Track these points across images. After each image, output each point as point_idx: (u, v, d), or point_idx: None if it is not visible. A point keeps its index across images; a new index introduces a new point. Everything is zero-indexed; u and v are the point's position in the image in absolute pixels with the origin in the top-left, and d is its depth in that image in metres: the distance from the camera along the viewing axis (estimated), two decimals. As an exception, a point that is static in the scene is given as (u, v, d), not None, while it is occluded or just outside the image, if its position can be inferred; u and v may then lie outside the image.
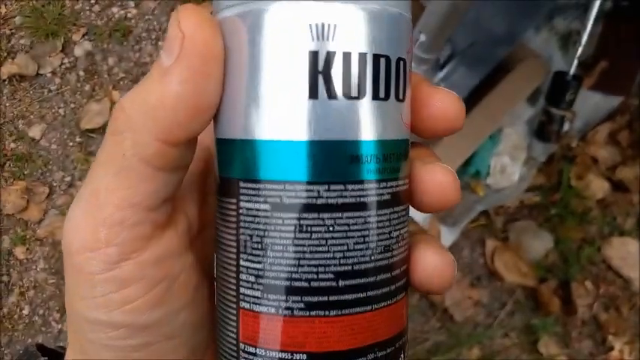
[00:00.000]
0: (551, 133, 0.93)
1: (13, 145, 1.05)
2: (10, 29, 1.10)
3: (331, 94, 0.18)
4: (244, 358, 0.20)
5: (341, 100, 0.18)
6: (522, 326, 1.00)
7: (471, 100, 0.89)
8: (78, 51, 1.09)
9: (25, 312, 0.97)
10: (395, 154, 0.20)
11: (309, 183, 0.18)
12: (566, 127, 0.94)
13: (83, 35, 1.10)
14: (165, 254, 0.20)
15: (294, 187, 0.18)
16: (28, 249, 1.01)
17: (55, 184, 1.04)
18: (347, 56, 0.18)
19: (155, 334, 0.20)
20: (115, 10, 1.11)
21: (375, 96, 0.19)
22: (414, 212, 0.24)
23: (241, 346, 0.20)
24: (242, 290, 0.19)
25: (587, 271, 1.03)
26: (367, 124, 0.19)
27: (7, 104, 1.07)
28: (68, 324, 0.21)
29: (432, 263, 0.21)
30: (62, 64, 1.09)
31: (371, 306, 0.19)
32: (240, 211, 0.19)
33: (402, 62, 0.20)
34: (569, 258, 1.03)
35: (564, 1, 0.97)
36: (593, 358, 0.99)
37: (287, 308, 0.19)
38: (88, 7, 1.11)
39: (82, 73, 1.08)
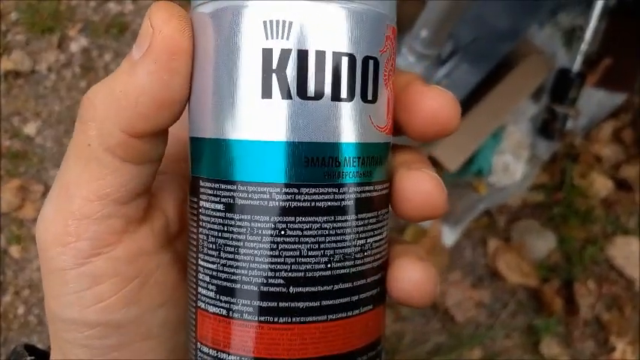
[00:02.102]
0: (555, 131, 0.93)
1: (8, 142, 1.04)
2: (6, 25, 1.09)
3: (285, 94, 0.18)
4: (200, 357, 0.20)
5: (296, 101, 0.18)
6: (524, 327, 0.99)
7: (474, 97, 0.89)
8: (74, 47, 1.08)
9: (20, 311, 0.96)
10: (361, 159, 0.19)
11: (260, 184, 0.18)
12: (569, 124, 0.94)
13: (79, 31, 1.08)
14: (138, 251, 0.20)
15: (246, 187, 0.18)
16: (23, 248, 1.00)
17: (50, 183, 1.03)
18: (302, 54, 0.17)
19: (132, 333, 0.20)
20: (111, 5, 1.10)
21: (335, 96, 0.18)
22: None
23: (198, 345, 0.20)
24: (200, 290, 0.20)
25: (589, 271, 1.02)
26: (324, 125, 0.18)
27: (3, 101, 1.06)
28: (48, 325, 0.21)
29: (411, 278, 0.20)
30: (58, 60, 1.07)
31: (325, 316, 0.19)
32: (200, 210, 0.19)
33: (371, 61, 0.19)
34: (571, 258, 1.02)
35: (568, -4, 0.96)
36: (596, 358, 0.98)
37: (237, 311, 0.19)
38: (84, 3, 1.10)
39: (78, 69, 1.07)
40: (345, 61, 0.18)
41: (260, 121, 0.18)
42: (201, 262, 0.19)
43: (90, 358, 0.20)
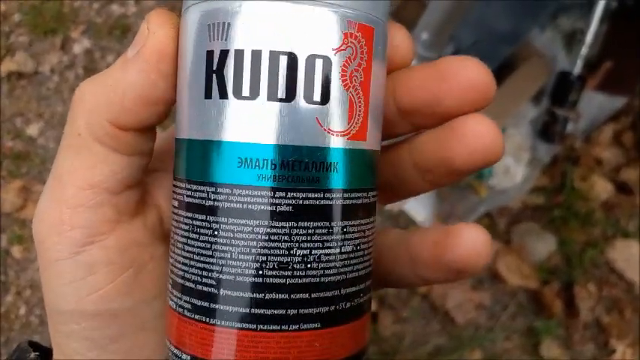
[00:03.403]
0: (555, 134, 0.93)
1: (10, 143, 1.05)
2: (9, 27, 1.09)
3: (223, 94, 0.18)
4: (166, 349, 0.20)
5: (232, 100, 0.18)
6: (524, 329, 0.99)
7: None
8: (77, 49, 1.08)
9: (22, 312, 0.97)
10: (302, 163, 0.18)
11: (200, 183, 0.18)
12: (570, 127, 0.94)
13: (82, 33, 1.09)
14: (131, 241, 0.21)
15: (191, 186, 0.19)
16: (25, 248, 1.00)
17: (53, 183, 1.03)
18: (239, 54, 0.18)
19: (128, 324, 0.21)
20: (114, 7, 1.11)
21: (272, 96, 0.18)
22: (415, 213, 0.23)
23: (166, 337, 0.20)
24: (167, 284, 0.20)
25: (590, 274, 1.02)
26: (258, 126, 0.18)
27: (6, 102, 1.06)
28: (48, 322, 0.22)
29: (469, 241, 0.20)
30: (61, 61, 1.08)
31: (255, 325, 0.18)
32: (172, 207, 0.20)
33: (319, 60, 0.18)
34: (572, 260, 1.02)
35: (570, 0, 0.96)
36: (596, 361, 0.98)
37: (180, 307, 0.19)
38: (87, 5, 1.10)
39: (80, 70, 1.08)
40: (283, 60, 0.17)
41: (201, 120, 0.18)
42: (169, 258, 0.20)
43: (88, 351, 0.20)
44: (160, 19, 0.19)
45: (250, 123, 0.18)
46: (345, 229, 0.19)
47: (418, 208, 0.97)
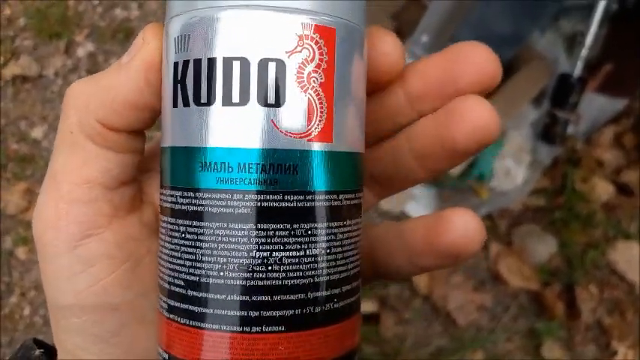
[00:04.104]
0: (556, 136, 0.93)
1: (15, 146, 1.05)
2: (14, 30, 1.10)
3: (185, 102, 0.19)
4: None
5: (193, 108, 0.18)
6: (526, 330, 0.99)
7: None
8: (81, 52, 1.09)
9: (26, 312, 0.97)
10: (259, 165, 0.18)
11: (171, 188, 0.19)
12: (570, 129, 0.94)
13: (86, 37, 1.10)
14: (127, 236, 0.21)
15: (165, 191, 0.19)
16: (29, 249, 1.01)
17: (57, 185, 1.04)
18: (197, 63, 0.18)
19: (127, 317, 0.21)
20: (117, 11, 1.11)
21: (227, 101, 0.18)
22: (416, 215, 0.23)
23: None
24: None
25: (591, 275, 1.02)
26: (216, 130, 0.18)
27: (10, 105, 1.07)
28: (51, 322, 0.22)
29: (460, 226, 0.21)
30: (65, 65, 1.09)
31: (219, 325, 0.18)
32: None
33: (272, 63, 0.18)
34: (573, 262, 1.02)
35: (570, 2, 0.96)
36: (598, 362, 0.98)
37: (160, 306, 0.20)
38: (91, 9, 1.11)
39: (84, 74, 1.08)
40: (236, 65, 0.18)
41: (170, 129, 0.19)
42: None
43: (90, 346, 0.21)
44: (154, 32, 0.20)
45: (209, 128, 0.18)
46: (310, 232, 0.18)
47: (419, 209, 0.97)
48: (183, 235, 0.19)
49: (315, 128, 0.18)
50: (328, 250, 0.19)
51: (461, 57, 0.21)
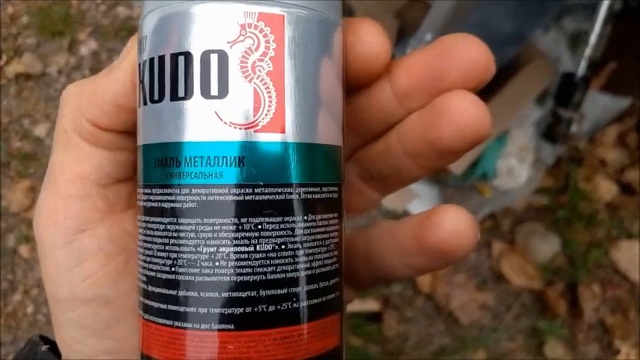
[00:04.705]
0: (559, 135, 0.93)
1: (18, 143, 1.06)
2: (17, 29, 1.10)
3: (144, 101, 0.19)
4: None
5: (148, 106, 0.19)
6: (528, 329, 1.00)
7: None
8: (84, 50, 1.09)
9: (30, 310, 0.97)
10: (204, 158, 0.18)
11: (140, 186, 0.19)
12: (574, 128, 0.94)
13: (89, 35, 1.10)
14: (121, 231, 0.22)
15: (137, 189, 0.20)
16: (32, 248, 1.01)
17: (60, 183, 1.04)
18: (151, 62, 0.19)
19: (121, 310, 0.21)
20: (120, 9, 1.11)
21: (174, 96, 0.18)
22: (417, 210, 0.23)
23: None
24: None
25: (594, 275, 1.02)
26: (166, 126, 0.18)
27: (14, 103, 1.07)
28: (52, 319, 0.22)
29: (451, 223, 0.20)
30: (68, 63, 1.09)
31: (171, 322, 0.18)
32: None
33: (213, 55, 0.18)
34: (576, 261, 1.02)
35: (573, 1, 0.96)
36: (600, 362, 0.98)
37: (137, 300, 0.20)
38: (94, 7, 1.11)
39: (87, 72, 1.09)
40: (181, 60, 0.18)
41: (138, 127, 0.20)
42: None
43: (85, 339, 0.21)
44: None
45: (160, 124, 0.18)
46: (260, 227, 0.18)
47: (422, 208, 0.97)
48: (144, 232, 0.19)
49: (264, 118, 0.18)
50: (283, 246, 0.18)
51: (448, 50, 0.20)
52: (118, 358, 0.22)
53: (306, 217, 0.18)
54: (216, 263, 0.17)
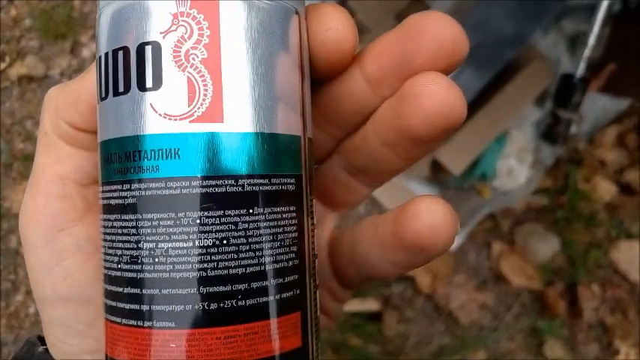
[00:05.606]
0: (559, 136, 0.93)
1: (21, 145, 1.06)
2: (20, 31, 1.11)
3: (98, 99, 0.19)
4: None
5: (100, 103, 0.19)
6: (528, 329, 1.00)
7: (478, 102, 0.89)
8: (86, 53, 1.10)
9: (32, 310, 0.98)
10: (141, 152, 0.17)
11: (100, 183, 0.19)
12: (573, 129, 0.94)
13: (91, 37, 1.10)
14: (98, 231, 0.21)
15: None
16: (35, 248, 1.01)
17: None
18: (99, 60, 0.19)
19: (102, 309, 0.21)
20: (123, 11, 1.12)
21: (115, 92, 0.18)
22: None
23: None
24: None
25: (593, 275, 1.02)
26: (111, 122, 0.18)
27: (16, 105, 1.08)
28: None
29: (428, 215, 0.19)
30: (70, 65, 1.09)
31: (120, 319, 0.18)
32: None
33: (147, 47, 0.17)
34: (575, 261, 1.02)
35: (573, 2, 0.97)
36: (600, 362, 0.99)
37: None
38: (96, 10, 1.12)
39: (90, 74, 1.09)
40: (120, 55, 0.18)
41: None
42: None
43: (68, 338, 0.21)
44: None
45: (105, 121, 0.19)
46: (199, 221, 0.17)
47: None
48: (101, 230, 0.19)
49: (199, 108, 0.17)
50: (225, 242, 0.17)
51: (415, 30, 0.18)
52: (102, 358, 0.22)
53: (251, 211, 0.17)
54: (156, 259, 0.17)
